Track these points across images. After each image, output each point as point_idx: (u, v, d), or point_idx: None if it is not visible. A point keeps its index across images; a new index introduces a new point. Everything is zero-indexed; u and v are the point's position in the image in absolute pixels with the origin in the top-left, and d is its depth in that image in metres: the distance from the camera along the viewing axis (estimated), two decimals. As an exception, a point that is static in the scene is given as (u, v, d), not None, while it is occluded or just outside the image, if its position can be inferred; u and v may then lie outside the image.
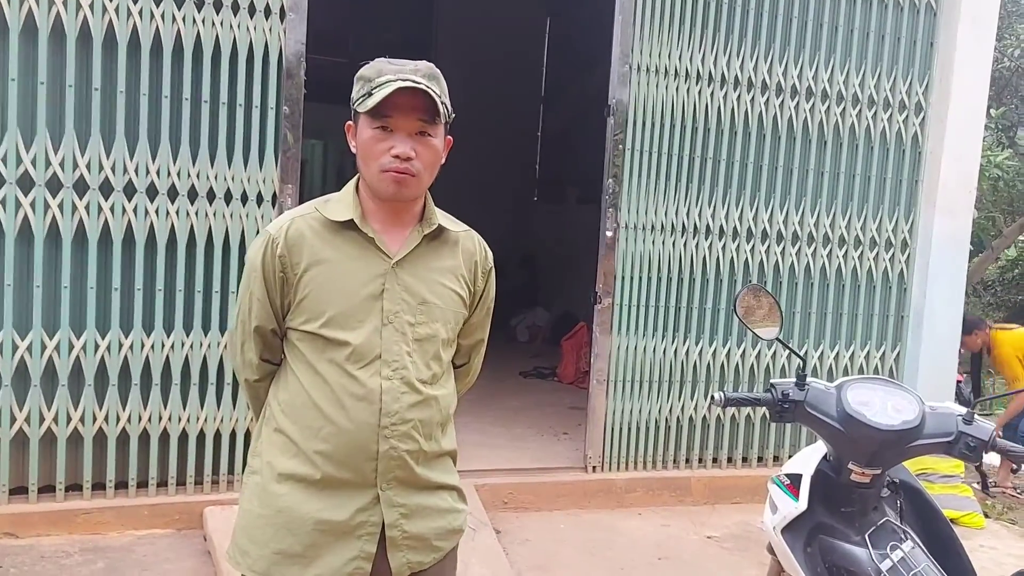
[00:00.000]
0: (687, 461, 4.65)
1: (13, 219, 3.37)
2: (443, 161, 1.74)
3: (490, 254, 1.89)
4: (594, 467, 4.46)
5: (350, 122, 1.72)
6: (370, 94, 1.61)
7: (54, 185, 3.42)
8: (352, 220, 1.69)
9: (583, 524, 4.19)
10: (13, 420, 3.45)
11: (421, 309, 1.71)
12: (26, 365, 3.44)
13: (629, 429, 4.50)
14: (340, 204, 1.72)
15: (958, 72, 4.85)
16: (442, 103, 1.65)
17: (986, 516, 4.85)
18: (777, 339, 2.20)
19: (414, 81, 1.61)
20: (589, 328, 4.78)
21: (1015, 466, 1.98)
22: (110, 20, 3.44)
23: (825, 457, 2.08)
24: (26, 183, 3.39)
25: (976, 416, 1.94)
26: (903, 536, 1.96)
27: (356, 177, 1.75)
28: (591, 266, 4.45)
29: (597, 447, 4.46)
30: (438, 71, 1.69)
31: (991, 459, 1.97)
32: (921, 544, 1.97)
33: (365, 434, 1.65)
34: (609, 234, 4.36)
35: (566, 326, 7.47)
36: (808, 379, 2.07)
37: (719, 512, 4.49)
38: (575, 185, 8.45)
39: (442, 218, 1.79)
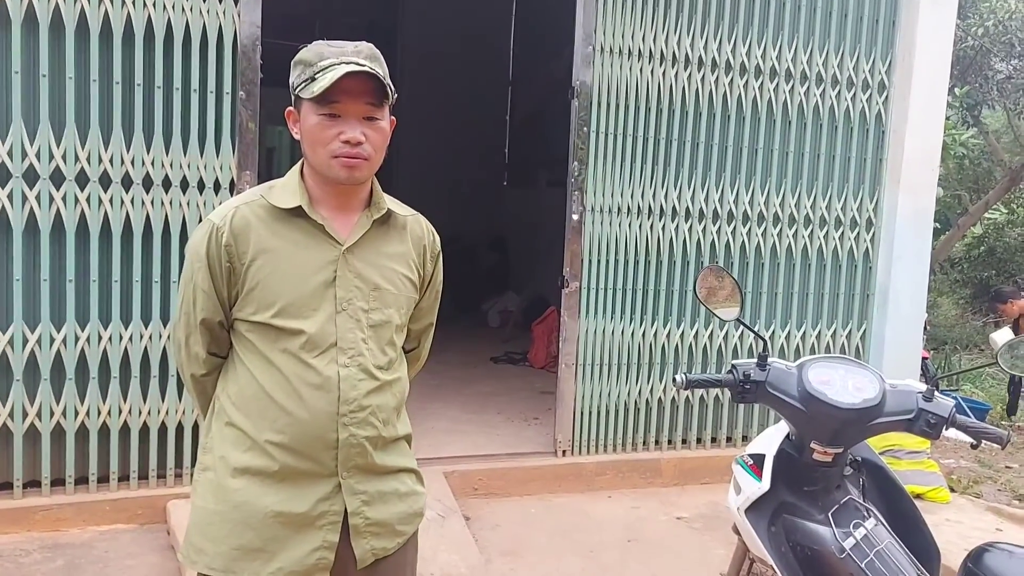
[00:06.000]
0: (656, 443, 4.66)
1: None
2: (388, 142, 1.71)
3: (437, 238, 1.88)
4: (564, 451, 4.46)
5: (291, 108, 1.68)
6: (313, 79, 1.58)
7: (2, 175, 3.32)
8: (300, 207, 1.65)
9: (553, 508, 4.18)
10: (-33, 417, 3.36)
11: (374, 295, 1.70)
12: (-22, 360, 3.36)
13: (598, 412, 4.49)
14: (286, 191, 1.68)
15: (920, 51, 4.86)
16: (387, 84, 1.62)
17: (952, 490, 4.91)
18: (738, 319, 2.19)
19: (359, 64, 1.57)
20: (560, 312, 4.76)
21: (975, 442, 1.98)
22: (57, 4, 3.33)
23: (788, 437, 2.07)
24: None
25: (936, 393, 1.93)
26: (866, 514, 1.95)
27: (300, 162, 1.71)
28: (562, 250, 4.42)
29: (567, 431, 4.45)
30: (378, 52, 1.65)
31: (954, 434, 1.97)
32: (884, 521, 1.96)
33: (323, 423, 1.63)
34: (575, 217, 4.33)
35: (537, 311, 7.43)
36: (769, 359, 2.06)
37: (688, 493, 4.50)
38: (544, 168, 8.40)
39: (389, 202, 1.77)
